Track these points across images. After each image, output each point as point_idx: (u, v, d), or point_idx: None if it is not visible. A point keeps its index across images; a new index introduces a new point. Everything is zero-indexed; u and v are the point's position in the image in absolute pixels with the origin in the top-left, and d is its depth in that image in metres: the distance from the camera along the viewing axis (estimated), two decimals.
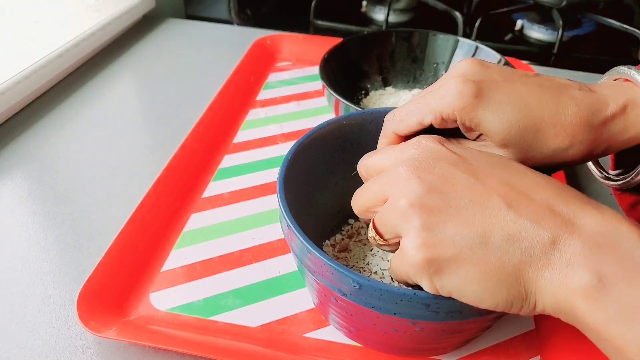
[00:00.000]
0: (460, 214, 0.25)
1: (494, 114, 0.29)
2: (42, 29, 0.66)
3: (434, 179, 0.26)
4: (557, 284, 0.23)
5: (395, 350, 0.34)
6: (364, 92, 0.60)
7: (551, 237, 0.24)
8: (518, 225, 0.24)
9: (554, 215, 0.24)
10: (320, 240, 0.40)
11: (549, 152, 0.30)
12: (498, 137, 0.29)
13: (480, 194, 0.25)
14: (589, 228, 0.24)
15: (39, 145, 0.53)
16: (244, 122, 0.57)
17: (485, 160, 0.27)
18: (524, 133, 0.29)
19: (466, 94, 0.29)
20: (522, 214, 0.24)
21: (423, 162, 0.27)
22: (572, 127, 0.29)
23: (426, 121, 0.30)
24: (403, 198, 0.26)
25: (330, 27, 0.82)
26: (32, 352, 0.34)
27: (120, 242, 0.40)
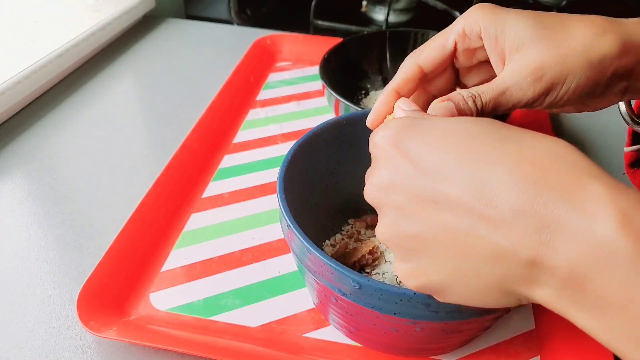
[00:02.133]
0: (434, 242, 0.23)
1: (516, 15, 0.29)
2: (42, 29, 0.66)
3: (400, 204, 0.24)
4: (552, 305, 0.21)
5: (395, 350, 0.34)
6: (364, 92, 0.60)
7: (529, 257, 0.21)
8: (492, 246, 0.21)
9: (529, 225, 0.20)
10: (320, 240, 0.40)
11: (581, 40, 0.28)
12: (527, 32, 0.29)
13: (445, 217, 0.23)
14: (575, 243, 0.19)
15: (39, 145, 0.53)
16: (244, 122, 0.57)
17: (442, 156, 0.23)
18: (550, 26, 0.29)
19: (485, 6, 0.30)
20: (492, 231, 0.21)
21: (387, 183, 0.25)
22: (599, 20, 0.29)
23: (450, 40, 0.31)
24: (380, 226, 0.26)
25: (330, 27, 0.82)
26: (32, 352, 0.34)
27: (120, 242, 0.40)
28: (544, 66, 0.28)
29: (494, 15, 0.30)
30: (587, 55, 0.28)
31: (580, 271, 0.19)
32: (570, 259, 0.20)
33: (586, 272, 0.19)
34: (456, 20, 0.31)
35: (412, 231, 0.24)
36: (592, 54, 0.28)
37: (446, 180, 0.22)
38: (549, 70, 0.28)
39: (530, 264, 0.21)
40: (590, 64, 0.28)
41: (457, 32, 0.31)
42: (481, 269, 0.22)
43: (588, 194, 0.20)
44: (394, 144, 0.25)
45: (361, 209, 0.42)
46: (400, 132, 0.25)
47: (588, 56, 0.28)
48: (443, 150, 0.23)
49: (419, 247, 0.24)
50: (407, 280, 0.25)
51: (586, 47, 0.28)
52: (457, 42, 0.31)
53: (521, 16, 0.29)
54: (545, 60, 0.28)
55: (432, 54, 0.31)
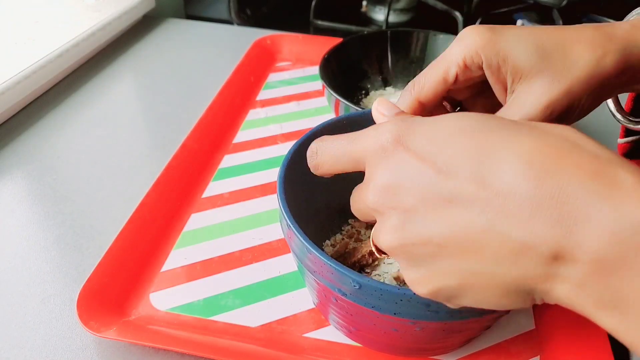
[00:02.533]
0: (445, 246, 0.22)
1: (517, 42, 0.29)
2: (42, 29, 0.66)
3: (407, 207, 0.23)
4: (572, 301, 0.20)
5: (395, 350, 0.34)
6: (364, 92, 0.60)
7: (551, 252, 0.19)
8: (509, 245, 0.20)
9: (550, 218, 0.19)
10: (320, 240, 0.40)
11: (585, 66, 0.28)
12: (528, 63, 0.28)
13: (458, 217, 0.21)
14: (600, 234, 0.18)
15: (39, 145, 0.53)
16: (244, 122, 0.57)
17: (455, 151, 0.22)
18: (552, 53, 0.28)
19: (483, 31, 0.29)
20: (510, 228, 0.20)
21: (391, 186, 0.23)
22: (598, 38, 0.29)
23: (451, 74, 0.30)
24: (384, 235, 0.24)
25: (330, 27, 0.82)
26: (32, 352, 0.34)
27: (120, 242, 0.40)
28: (552, 104, 0.28)
29: (493, 43, 0.29)
30: (590, 83, 0.28)
31: (606, 262, 0.18)
32: (596, 249, 0.18)
33: (612, 262, 0.18)
34: (454, 47, 0.30)
35: (423, 235, 0.22)
36: (595, 80, 0.28)
37: (460, 177, 0.21)
38: (557, 106, 0.28)
39: (552, 258, 0.19)
40: (594, 91, 0.29)
41: (457, 64, 0.30)
42: (500, 269, 0.21)
43: (612, 181, 0.19)
44: (396, 141, 0.23)
45: None
46: (401, 130, 0.24)
47: (591, 83, 0.28)
48: (453, 146, 0.22)
49: (431, 252, 0.22)
50: (418, 287, 0.24)
51: (589, 74, 0.28)
52: (458, 75, 0.30)
53: (522, 41, 0.29)
54: (553, 96, 0.28)
55: (433, 89, 0.31)
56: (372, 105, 0.60)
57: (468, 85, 0.33)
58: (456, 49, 0.30)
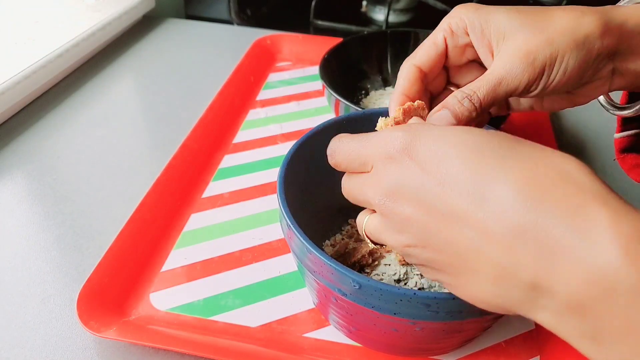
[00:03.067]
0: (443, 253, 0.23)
1: (499, 10, 0.31)
2: (42, 29, 0.66)
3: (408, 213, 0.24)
4: (552, 327, 0.21)
5: (395, 350, 0.34)
6: (364, 92, 0.60)
7: (530, 280, 0.20)
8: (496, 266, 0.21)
9: (529, 246, 0.20)
10: (320, 240, 0.40)
11: (564, 23, 0.29)
12: (511, 22, 0.30)
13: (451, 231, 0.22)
14: (575, 268, 0.19)
15: (39, 145, 0.53)
16: (244, 122, 0.57)
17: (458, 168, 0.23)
18: (532, 13, 0.30)
19: (468, 5, 0.32)
20: (495, 251, 0.21)
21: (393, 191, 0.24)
22: (577, 6, 0.30)
23: (439, 37, 0.33)
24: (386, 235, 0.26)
25: (330, 27, 0.82)
26: (32, 352, 0.34)
27: (120, 242, 0.40)
28: (534, 50, 0.29)
29: (476, 10, 0.31)
30: (572, 36, 0.29)
31: (581, 298, 0.19)
32: (571, 285, 0.19)
33: (587, 300, 0.19)
34: (442, 20, 0.33)
35: (420, 242, 0.24)
36: (577, 34, 0.29)
37: (454, 192, 0.22)
38: (539, 53, 0.29)
39: (532, 287, 0.20)
40: (577, 44, 0.29)
41: (444, 29, 0.32)
42: (484, 285, 0.22)
43: (591, 219, 0.19)
44: (404, 149, 0.24)
45: (361, 209, 0.42)
46: (410, 138, 0.25)
47: (573, 36, 0.29)
48: (453, 162, 0.23)
49: (429, 257, 0.24)
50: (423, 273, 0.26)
51: (570, 28, 0.29)
52: (446, 39, 0.32)
53: (503, 9, 0.31)
54: (534, 44, 0.29)
55: (425, 53, 0.33)
56: (372, 105, 0.60)
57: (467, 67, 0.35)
58: (444, 20, 0.33)
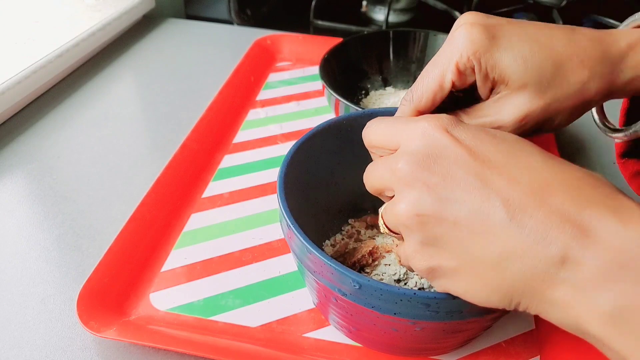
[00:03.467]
0: (458, 227, 0.23)
1: (508, 51, 0.29)
2: (42, 29, 0.66)
3: (434, 182, 0.24)
4: (567, 305, 0.21)
5: (395, 350, 0.34)
6: (364, 92, 0.60)
7: (560, 253, 0.21)
8: (520, 241, 0.22)
9: (565, 225, 0.21)
10: (320, 240, 0.40)
11: (569, 88, 0.29)
12: (515, 75, 0.29)
13: (481, 202, 0.23)
14: (607, 244, 0.20)
15: (39, 145, 0.53)
16: (244, 122, 0.57)
17: (496, 150, 0.24)
18: (541, 67, 0.29)
19: (476, 36, 0.29)
20: (526, 226, 0.22)
21: (425, 159, 0.25)
22: (589, 59, 0.29)
23: (447, 82, 0.30)
24: (402, 203, 0.25)
25: (330, 27, 0.82)
26: (32, 352, 0.34)
27: (120, 242, 0.40)
28: (528, 116, 0.29)
29: (484, 50, 0.29)
30: (574, 101, 0.29)
31: (609, 269, 0.20)
32: (601, 256, 0.20)
33: (614, 271, 0.20)
34: (447, 49, 0.30)
35: (441, 212, 0.23)
36: (576, 101, 0.29)
37: (493, 168, 0.23)
38: (532, 119, 0.29)
39: (560, 261, 0.21)
40: (576, 107, 0.30)
41: (451, 71, 0.30)
42: (503, 263, 0.22)
43: (622, 205, 0.21)
44: (445, 129, 0.25)
45: (361, 209, 0.42)
46: (451, 122, 0.25)
47: (571, 104, 0.29)
48: (493, 145, 0.24)
49: (442, 231, 0.24)
50: (417, 261, 0.25)
51: (571, 96, 0.29)
52: (454, 81, 0.30)
53: (513, 50, 0.29)
54: (532, 109, 0.29)
55: (431, 99, 0.31)
56: (372, 105, 0.60)
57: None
58: (449, 54, 0.30)
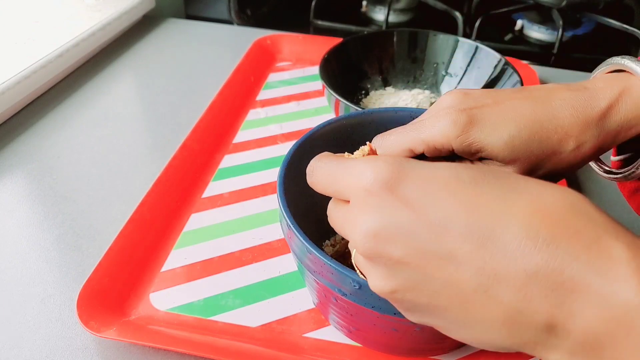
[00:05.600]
0: (435, 298, 0.21)
1: (493, 133, 0.28)
2: (42, 29, 0.66)
3: (397, 259, 0.21)
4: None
5: (395, 350, 0.34)
6: (364, 92, 0.60)
7: (546, 322, 0.19)
8: (502, 312, 0.20)
9: (547, 290, 0.19)
10: (320, 240, 0.40)
11: (560, 157, 0.29)
12: (504, 154, 0.29)
13: (451, 275, 0.20)
14: (593, 308, 0.18)
15: (39, 145, 0.53)
16: (244, 122, 0.57)
17: (452, 205, 0.21)
18: (528, 143, 0.29)
19: (460, 122, 0.28)
20: (504, 299, 0.19)
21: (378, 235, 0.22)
22: (574, 127, 0.29)
23: (418, 150, 0.30)
24: (371, 279, 0.23)
25: (330, 27, 0.82)
26: (32, 352, 0.34)
27: (120, 242, 0.40)
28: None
29: (466, 135, 0.28)
30: (563, 169, 0.30)
31: (598, 337, 0.18)
32: (588, 324, 0.18)
33: (604, 338, 0.18)
34: (427, 126, 0.29)
35: (415, 287, 0.21)
36: (569, 166, 0.30)
37: (454, 234, 0.20)
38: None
39: (546, 328, 0.19)
40: (567, 168, 0.30)
41: (427, 145, 0.29)
42: (490, 329, 0.20)
43: (607, 255, 0.19)
44: (389, 188, 0.22)
45: None
46: (394, 174, 0.22)
47: (565, 169, 0.30)
48: (448, 200, 0.21)
49: (423, 302, 0.22)
50: (407, 316, 0.24)
51: (564, 164, 0.29)
52: (425, 152, 0.30)
53: (497, 132, 0.28)
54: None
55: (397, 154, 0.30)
56: (372, 105, 0.60)
57: None
58: (429, 131, 0.29)
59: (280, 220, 0.32)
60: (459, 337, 0.22)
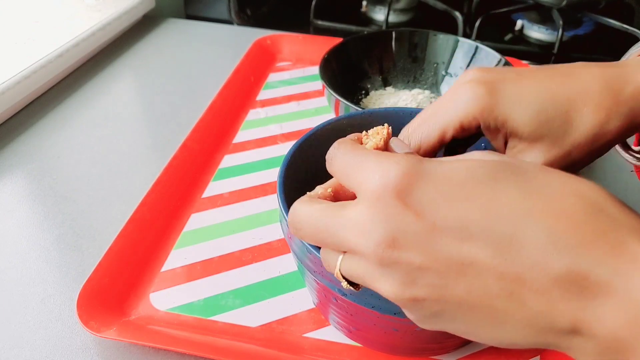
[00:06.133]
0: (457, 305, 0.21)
1: (517, 107, 0.27)
2: (42, 29, 0.66)
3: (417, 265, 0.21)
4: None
5: (395, 350, 0.34)
6: (364, 92, 0.60)
7: (570, 325, 0.19)
8: (526, 316, 0.19)
9: (570, 293, 0.19)
10: None
11: (587, 134, 0.27)
12: (528, 129, 0.27)
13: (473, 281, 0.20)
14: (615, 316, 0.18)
15: (39, 145, 0.53)
16: (244, 122, 0.57)
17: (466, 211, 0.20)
18: (553, 118, 0.27)
19: (481, 95, 0.27)
20: (527, 303, 0.19)
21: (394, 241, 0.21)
22: (604, 100, 0.27)
23: (448, 136, 0.29)
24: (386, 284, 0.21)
25: (330, 27, 0.82)
26: (32, 352, 0.34)
27: (120, 242, 0.40)
28: (548, 165, 0.28)
29: (491, 108, 0.27)
30: (591, 146, 0.28)
31: (623, 341, 0.18)
32: (613, 328, 0.18)
33: (629, 342, 0.18)
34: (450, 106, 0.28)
35: (436, 294, 0.21)
36: (597, 143, 0.28)
37: (472, 240, 0.20)
38: (554, 167, 0.28)
39: (570, 332, 0.19)
40: (594, 151, 0.28)
41: (454, 127, 0.28)
42: (513, 332, 0.20)
43: (632, 258, 0.18)
44: (399, 195, 0.20)
45: None
46: (405, 180, 0.21)
47: (592, 146, 0.28)
48: (465, 204, 0.20)
49: (443, 309, 0.21)
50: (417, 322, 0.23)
51: (591, 139, 0.28)
52: (456, 135, 0.29)
53: (522, 105, 0.27)
54: (550, 160, 0.28)
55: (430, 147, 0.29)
56: (372, 105, 0.60)
57: None
58: (452, 111, 0.28)
59: (280, 220, 0.32)
60: (480, 339, 0.22)
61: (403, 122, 0.39)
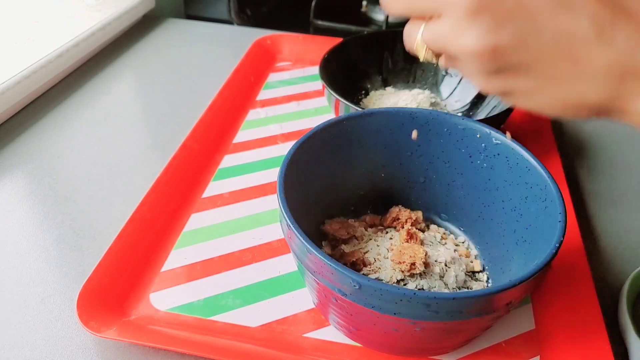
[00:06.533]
0: (538, 53, 0.21)
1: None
2: (42, 29, 0.66)
3: (508, 8, 0.21)
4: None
5: (395, 350, 0.34)
6: (364, 92, 0.60)
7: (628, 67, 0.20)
8: (607, 57, 0.20)
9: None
10: (320, 240, 0.40)
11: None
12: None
13: (563, 23, 0.21)
14: None
15: (39, 145, 0.53)
16: (244, 122, 0.57)
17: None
18: None
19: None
20: (615, 40, 0.20)
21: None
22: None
23: None
24: (470, 36, 0.22)
25: (330, 27, 0.82)
26: (32, 352, 0.34)
27: (120, 242, 0.40)
28: None
29: None
30: None
31: None
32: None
33: None
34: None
35: (523, 39, 0.21)
36: None
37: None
38: None
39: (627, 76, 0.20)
40: None
41: None
42: (589, 82, 0.21)
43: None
44: None
45: (361, 209, 0.42)
46: None
47: None
48: None
49: (520, 59, 0.21)
50: (484, 83, 0.23)
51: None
52: None
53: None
54: None
55: None
56: (372, 105, 0.60)
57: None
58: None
59: (280, 220, 0.32)
60: (543, 99, 0.22)
61: (403, 122, 0.39)
